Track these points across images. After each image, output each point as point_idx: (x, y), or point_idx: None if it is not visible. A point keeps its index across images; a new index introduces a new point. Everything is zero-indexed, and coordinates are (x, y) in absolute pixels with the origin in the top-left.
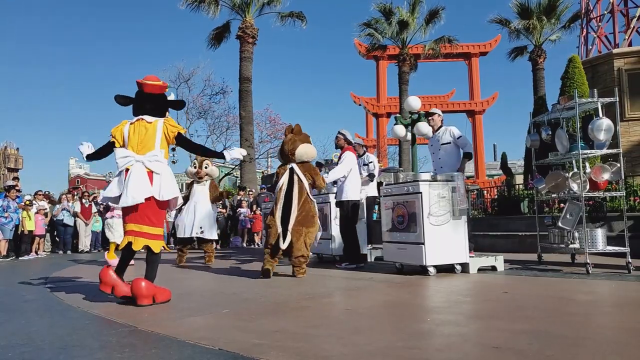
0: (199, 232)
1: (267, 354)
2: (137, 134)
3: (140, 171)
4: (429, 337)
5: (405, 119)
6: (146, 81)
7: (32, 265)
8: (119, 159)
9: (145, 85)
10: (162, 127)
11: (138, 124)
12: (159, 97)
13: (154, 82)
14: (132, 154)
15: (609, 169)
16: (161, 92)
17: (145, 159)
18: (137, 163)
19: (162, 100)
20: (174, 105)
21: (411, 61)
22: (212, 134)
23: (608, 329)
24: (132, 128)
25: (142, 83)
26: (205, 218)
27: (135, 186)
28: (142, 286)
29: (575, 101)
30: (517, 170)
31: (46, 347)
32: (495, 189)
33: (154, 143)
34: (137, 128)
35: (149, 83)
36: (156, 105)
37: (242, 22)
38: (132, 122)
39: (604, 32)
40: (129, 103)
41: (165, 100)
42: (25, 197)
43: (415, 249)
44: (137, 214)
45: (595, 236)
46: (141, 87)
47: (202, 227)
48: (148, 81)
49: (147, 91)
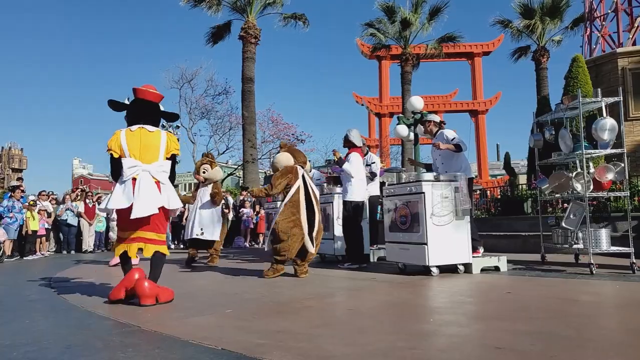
0: (199, 233)
1: (270, 354)
2: (139, 141)
3: (149, 181)
4: (432, 337)
5: (408, 119)
6: (148, 89)
7: (36, 265)
8: (127, 169)
9: (146, 93)
10: (166, 140)
11: (139, 132)
12: (157, 106)
13: (154, 91)
14: (139, 164)
15: (612, 169)
16: (158, 102)
17: (152, 169)
18: (143, 172)
19: (158, 110)
20: (167, 117)
21: (414, 61)
22: (214, 134)
23: (612, 330)
24: (131, 135)
25: (143, 91)
26: (207, 219)
27: (148, 197)
28: (146, 286)
29: (579, 101)
30: (521, 170)
31: (50, 346)
32: (498, 189)
33: (158, 154)
34: (137, 136)
35: (150, 91)
36: (154, 115)
37: (244, 23)
38: (132, 129)
39: (607, 32)
40: (122, 109)
41: (160, 110)
42: (29, 197)
43: (418, 249)
44: (148, 222)
45: (599, 236)
46: (141, 94)
47: (202, 229)
48: (150, 89)
49: (148, 99)
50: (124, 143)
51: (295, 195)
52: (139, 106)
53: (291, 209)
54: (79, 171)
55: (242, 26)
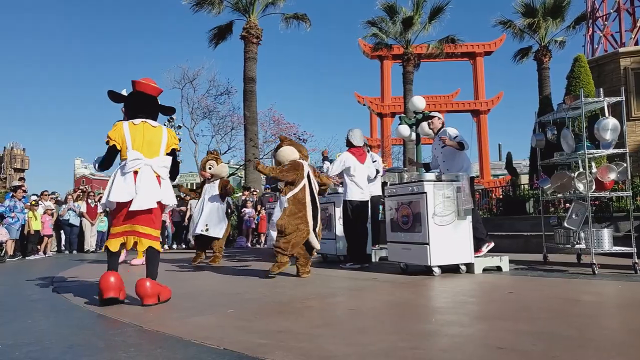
0: (204, 230)
1: (272, 354)
2: (142, 136)
3: (151, 175)
4: (433, 337)
5: (410, 119)
6: (149, 82)
7: (38, 265)
8: (130, 162)
9: (145, 86)
10: (167, 135)
11: (142, 126)
12: (156, 100)
13: (155, 85)
14: (141, 157)
15: (615, 169)
16: (157, 95)
17: (154, 164)
18: (145, 167)
19: (157, 104)
20: (164, 110)
21: (415, 61)
22: (216, 134)
23: (613, 330)
24: (134, 129)
25: (143, 83)
26: (212, 216)
27: (148, 190)
28: (147, 286)
29: (581, 101)
30: (523, 170)
31: (52, 346)
32: (500, 188)
33: (159, 149)
34: (140, 130)
35: (151, 85)
36: (153, 109)
37: (246, 23)
38: (135, 123)
39: (610, 31)
40: (120, 101)
41: (159, 104)
42: (31, 197)
43: (420, 249)
44: (145, 216)
45: (602, 236)
46: (140, 87)
47: (207, 225)
48: (151, 83)
49: (148, 92)
50: (127, 135)
51: (301, 193)
52: (140, 99)
53: (297, 205)
54: (80, 171)
55: (243, 26)
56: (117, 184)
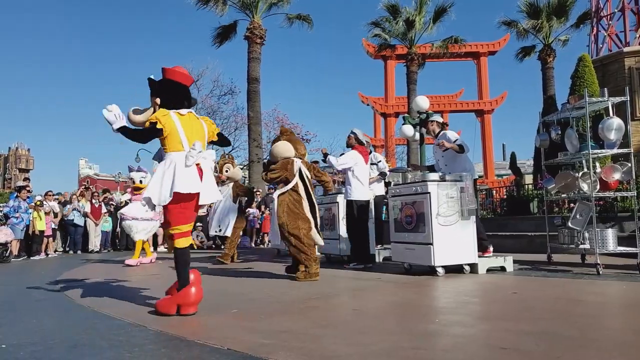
0: (217, 231)
1: (275, 354)
2: (191, 127)
3: (210, 169)
4: (436, 337)
5: (414, 119)
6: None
7: (42, 265)
8: (197, 153)
9: (179, 75)
10: (206, 127)
11: (189, 117)
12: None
13: (187, 73)
14: (202, 150)
15: (619, 169)
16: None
17: (209, 157)
18: (204, 160)
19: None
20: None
21: (419, 60)
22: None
23: (616, 331)
24: (183, 119)
25: (180, 73)
26: (225, 217)
27: (213, 184)
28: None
29: (585, 100)
30: (527, 170)
31: (56, 346)
32: (504, 188)
33: (204, 142)
34: (188, 121)
35: (184, 73)
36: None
37: (250, 23)
38: (182, 113)
39: (614, 31)
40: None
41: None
42: (35, 197)
43: (424, 249)
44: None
45: (606, 236)
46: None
47: (220, 226)
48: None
49: (183, 82)
50: (178, 125)
51: (294, 191)
52: (178, 89)
53: (295, 203)
54: (85, 171)
55: (247, 26)
56: (180, 175)
